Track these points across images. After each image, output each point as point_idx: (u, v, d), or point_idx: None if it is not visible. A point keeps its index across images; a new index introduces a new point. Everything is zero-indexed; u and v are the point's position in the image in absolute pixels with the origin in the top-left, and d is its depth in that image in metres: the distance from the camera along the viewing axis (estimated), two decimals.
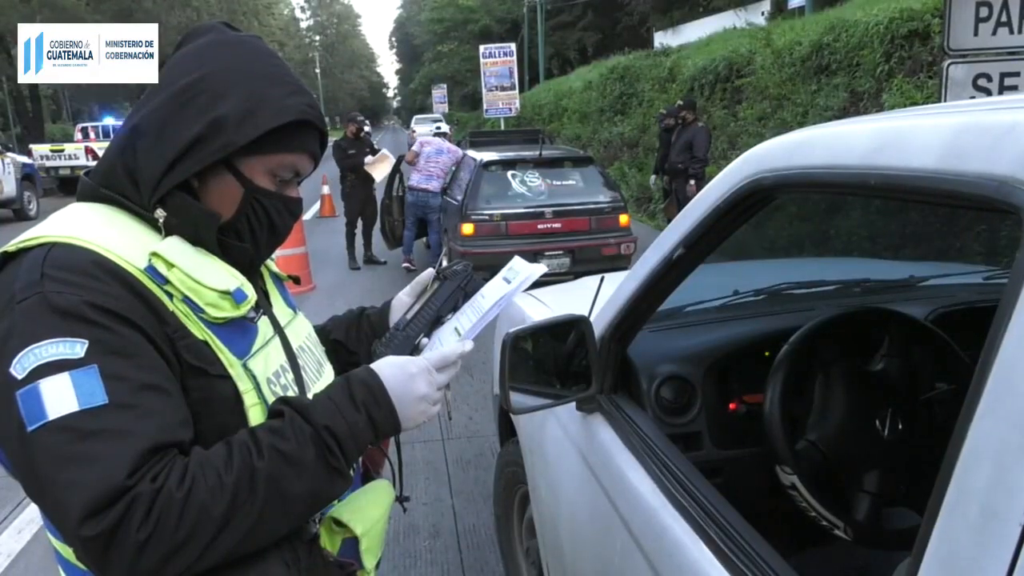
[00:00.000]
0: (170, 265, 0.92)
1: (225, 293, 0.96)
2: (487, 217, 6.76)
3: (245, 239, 1.03)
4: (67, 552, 0.95)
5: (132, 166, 0.97)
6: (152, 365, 0.88)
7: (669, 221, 8.68)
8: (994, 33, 4.28)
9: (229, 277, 0.98)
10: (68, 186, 19.25)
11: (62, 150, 18.91)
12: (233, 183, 0.99)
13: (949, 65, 4.37)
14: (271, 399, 0.98)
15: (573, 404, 1.66)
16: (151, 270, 0.92)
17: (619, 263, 6.72)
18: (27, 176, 15.15)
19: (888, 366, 1.51)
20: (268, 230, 1.05)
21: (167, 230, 0.96)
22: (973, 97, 4.35)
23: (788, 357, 1.48)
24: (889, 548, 1.43)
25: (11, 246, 0.91)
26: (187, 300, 0.93)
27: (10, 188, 14.36)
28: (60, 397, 0.80)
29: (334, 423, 0.94)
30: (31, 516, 3.45)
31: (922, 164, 0.79)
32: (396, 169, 8.70)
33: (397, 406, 0.99)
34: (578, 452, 1.67)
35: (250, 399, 0.96)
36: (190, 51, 1.01)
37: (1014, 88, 4.31)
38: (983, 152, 0.72)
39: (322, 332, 1.31)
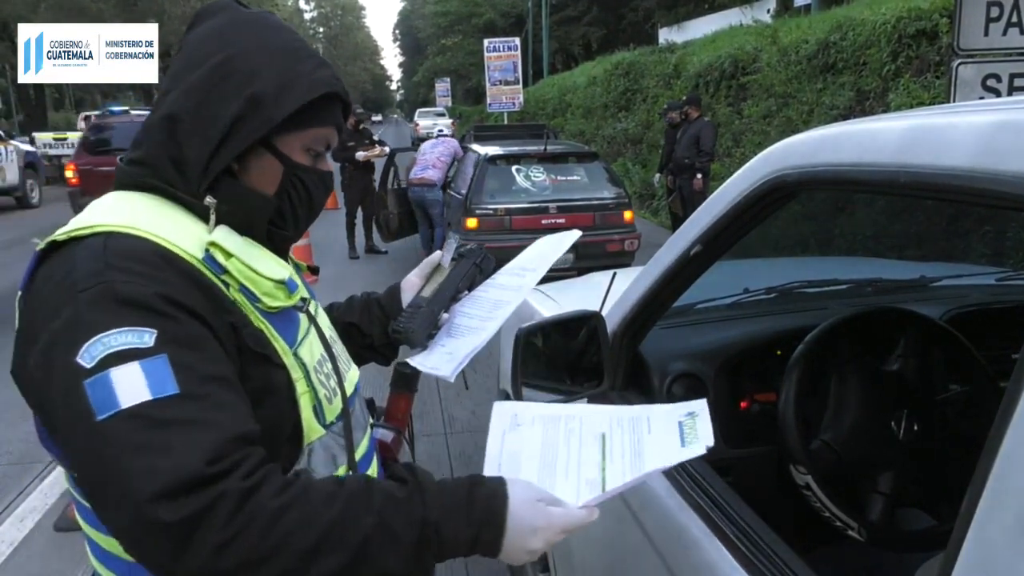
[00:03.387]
0: (228, 255, 0.92)
1: (280, 283, 0.96)
2: (491, 211, 6.75)
3: (287, 221, 1.03)
4: (110, 544, 0.93)
5: (176, 154, 0.94)
6: (217, 357, 0.87)
7: (674, 217, 8.65)
8: (1004, 33, 4.26)
9: (280, 267, 0.98)
10: None
11: (65, 138, 18.88)
12: (272, 162, 0.98)
13: (958, 65, 4.35)
14: (319, 388, 0.99)
15: (583, 400, 1.65)
16: (209, 259, 0.91)
17: (623, 259, 6.71)
18: (30, 164, 15.15)
19: (904, 367, 1.50)
20: (307, 206, 1.05)
21: (217, 218, 0.95)
22: (982, 98, 4.34)
23: (803, 356, 1.47)
24: (903, 549, 1.43)
25: (60, 235, 0.89)
26: (244, 289, 0.93)
27: (13, 176, 14.36)
28: (131, 386, 0.79)
29: (445, 526, 0.88)
30: (33, 505, 3.45)
31: (956, 162, 0.78)
32: (391, 162, 8.68)
33: (505, 542, 0.91)
34: None
35: (301, 387, 0.97)
36: (209, 31, 0.99)
37: (1023, 89, 4.29)
38: (1021, 150, 0.70)
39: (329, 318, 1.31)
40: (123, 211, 0.92)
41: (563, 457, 1.03)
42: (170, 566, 0.78)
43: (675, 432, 1.01)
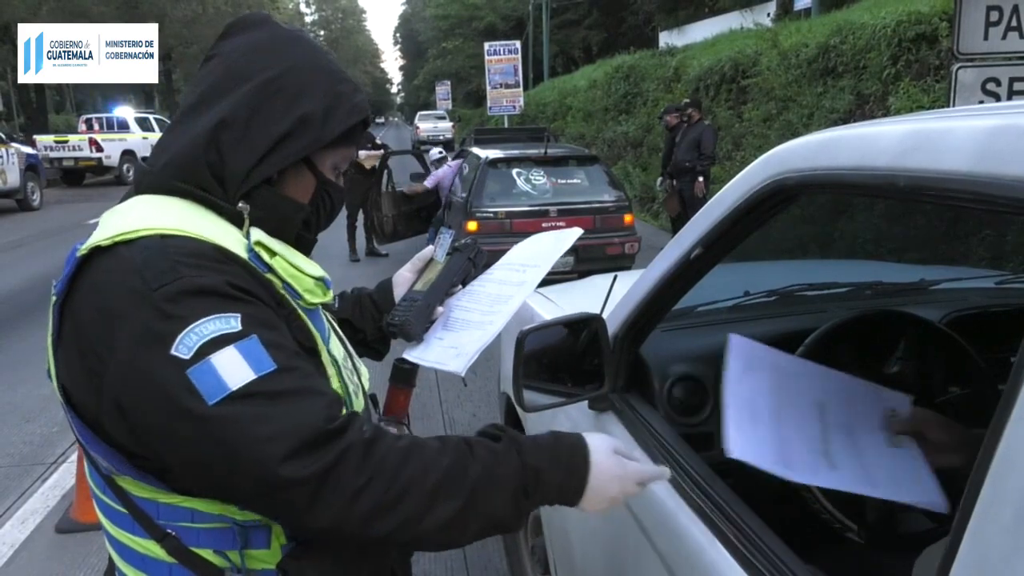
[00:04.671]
0: (272, 253, 0.95)
1: (320, 280, 1.00)
2: (491, 215, 6.76)
3: (312, 229, 1.07)
4: (150, 548, 0.94)
5: (216, 161, 0.96)
6: (289, 335, 0.92)
7: (671, 217, 8.64)
8: (1004, 37, 4.27)
9: (315, 265, 1.02)
10: (71, 177, 19.23)
11: (66, 141, 18.90)
12: (309, 176, 1.03)
13: (958, 69, 4.36)
14: (348, 384, 1.03)
15: (584, 403, 1.66)
16: (254, 258, 0.94)
17: (623, 262, 6.72)
18: (31, 167, 15.15)
19: (903, 369, 1.50)
20: (328, 218, 1.09)
21: (251, 223, 0.97)
22: (982, 102, 4.35)
23: (803, 358, 1.48)
24: (902, 551, 1.43)
25: (103, 240, 0.89)
26: (287, 287, 0.96)
27: (14, 178, 14.36)
28: (235, 368, 0.82)
29: (541, 469, 0.96)
30: (34, 507, 3.46)
31: (955, 166, 0.78)
32: (384, 164, 8.69)
33: (588, 488, 1.00)
34: None
35: (335, 383, 1.00)
36: (255, 43, 1.00)
37: (1023, 93, 4.30)
38: (1020, 154, 0.71)
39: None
40: (164, 214, 0.93)
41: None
42: (304, 518, 0.83)
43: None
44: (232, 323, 0.84)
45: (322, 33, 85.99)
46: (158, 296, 0.83)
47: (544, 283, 1.32)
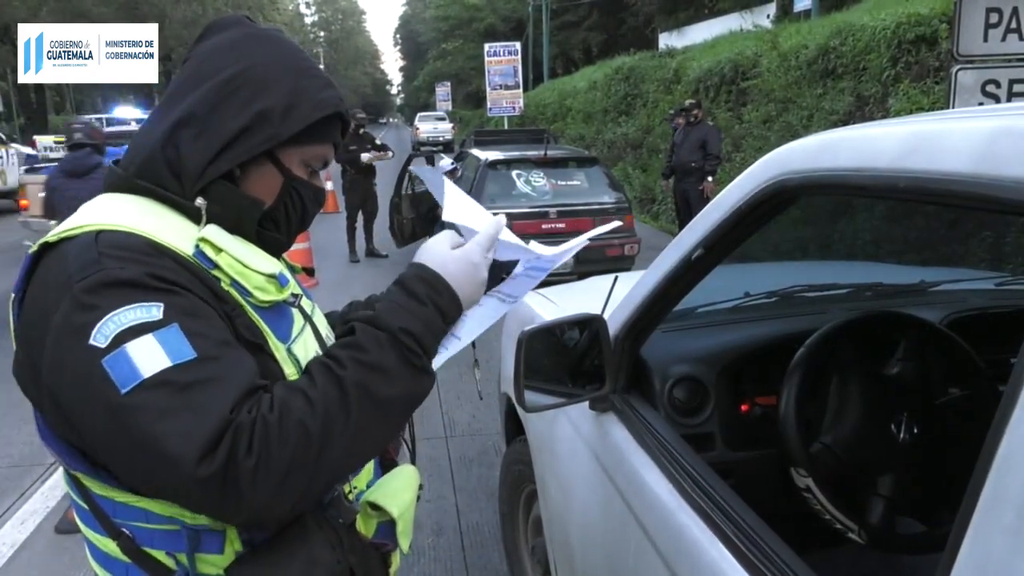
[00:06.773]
0: (218, 250, 0.93)
1: (271, 277, 0.97)
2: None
3: (280, 227, 1.05)
4: (108, 546, 0.95)
5: (173, 157, 0.96)
6: (220, 325, 0.89)
7: (679, 219, 8.58)
8: (1003, 39, 4.28)
9: (270, 262, 1.00)
10: None
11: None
12: (274, 173, 1.02)
13: (958, 71, 4.37)
14: None
15: (584, 403, 1.66)
16: (200, 255, 0.93)
17: (623, 264, 6.72)
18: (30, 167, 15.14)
19: (904, 370, 1.51)
20: (300, 218, 1.07)
21: (208, 219, 0.96)
22: (981, 103, 4.36)
23: (804, 359, 1.48)
24: (902, 552, 1.43)
25: (52, 236, 0.91)
26: (235, 284, 0.94)
27: (13, 179, 14.36)
28: (150, 356, 0.81)
29: (408, 323, 0.94)
30: (34, 507, 3.46)
31: (955, 168, 0.79)
32: (405, 167, 8.70)
33: (460, 292, 1.00)
34: (591, 451, 1.66)
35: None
36: (222, 43, 1.01)
37: (1023, 95, 4.31)
38: (1020, 156, 0.71)
39: (341, 319, 1.32)
40: (113, 211, 0.94)
41: None
42: (223, 509, 0.82)
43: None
44: (153, 312, 0.83)
45: (322, 34, 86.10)
46: (78, 288, 0.84)
47: (544, 284, 1.31)
